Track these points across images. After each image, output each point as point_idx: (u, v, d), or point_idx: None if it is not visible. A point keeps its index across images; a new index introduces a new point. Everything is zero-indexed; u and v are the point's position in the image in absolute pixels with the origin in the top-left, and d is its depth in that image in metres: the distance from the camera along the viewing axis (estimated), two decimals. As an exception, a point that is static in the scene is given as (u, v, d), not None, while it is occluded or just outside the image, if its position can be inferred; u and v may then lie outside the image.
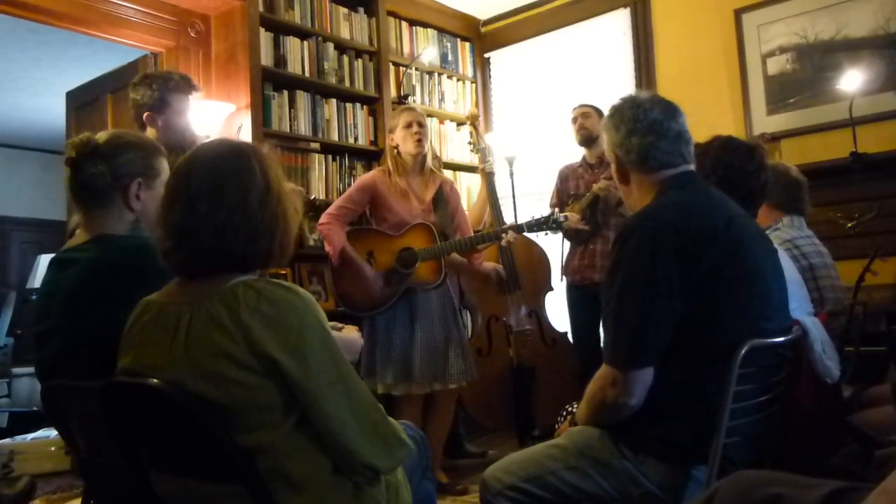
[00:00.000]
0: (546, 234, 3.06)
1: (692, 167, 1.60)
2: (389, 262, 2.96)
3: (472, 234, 3.16)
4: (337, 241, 2.93)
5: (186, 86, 2.35)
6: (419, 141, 3.00)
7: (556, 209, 3.52)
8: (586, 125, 3.47)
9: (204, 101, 3.15)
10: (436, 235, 2.97)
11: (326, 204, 3.25)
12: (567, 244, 3.57)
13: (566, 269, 3.53)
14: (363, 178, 3.16)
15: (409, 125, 3.01)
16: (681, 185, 1.56)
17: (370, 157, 3.99)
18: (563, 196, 3.56)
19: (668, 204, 1.51)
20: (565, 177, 3.60)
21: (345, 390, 1.19)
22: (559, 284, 3.63)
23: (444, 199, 3.08)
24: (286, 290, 1.18)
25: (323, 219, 3.01)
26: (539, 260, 3.65)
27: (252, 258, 1.22)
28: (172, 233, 1.20)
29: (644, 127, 1.56)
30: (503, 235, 3.02)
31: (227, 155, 1.25)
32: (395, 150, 3.06)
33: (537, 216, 2.99)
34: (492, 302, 3.51)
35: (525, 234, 3.10)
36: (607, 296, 1.46)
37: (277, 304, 1.15)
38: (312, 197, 3.53)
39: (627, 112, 1.59)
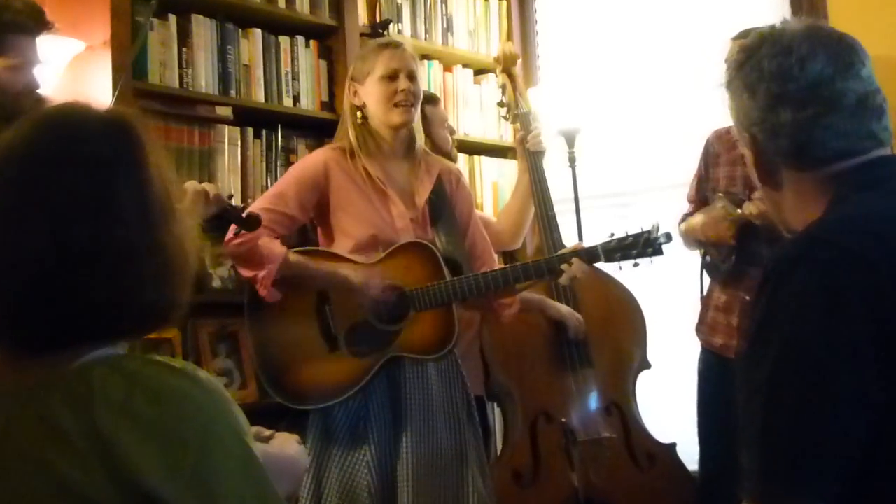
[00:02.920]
0: (636, 264, 3.03)
1: (889, 150, 1.61)
2: (358, 313, 2.96)
3: (502, 263, 3.17)
4: (271, 253, 2.85)
5: (36, 23, 2.47)
6: (410, 106, 3.01)
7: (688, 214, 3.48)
8: None
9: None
10: (441, 264, 2.99)
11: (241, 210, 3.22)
12: (707, 281, 3.54)
13: (702, 324, 3.50)
14: (306, 161, 3.21)
15: (390, 75, 3.02)
16: (872, 183, 1.57)
17: (322, 130, 4.01)
18: (706, 188, 3.51)
19: (852, 219, 1.52)
20: (714, 154, 3.51)
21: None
22: (666, 354, 3.66)
23: (446, 202, 3.13)
24: (177, 375, 1.22)
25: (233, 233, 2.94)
26: (625, 312, 3.67)
27: (134, 312, 1.26)
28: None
29: (802, 89, 1.57)
30: (562, 267, 2.99)
31: (97, 130, 1.27)
32: (361, 115, 3.08)
33: (621, 234, 2.97)
34: (540, 386, 3.52)
35: (601, 263, 3.07)
36: (748, 380, 1.46)
37: (163, 399, 1.17)
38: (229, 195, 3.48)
39: (769, 62, 1.60)
